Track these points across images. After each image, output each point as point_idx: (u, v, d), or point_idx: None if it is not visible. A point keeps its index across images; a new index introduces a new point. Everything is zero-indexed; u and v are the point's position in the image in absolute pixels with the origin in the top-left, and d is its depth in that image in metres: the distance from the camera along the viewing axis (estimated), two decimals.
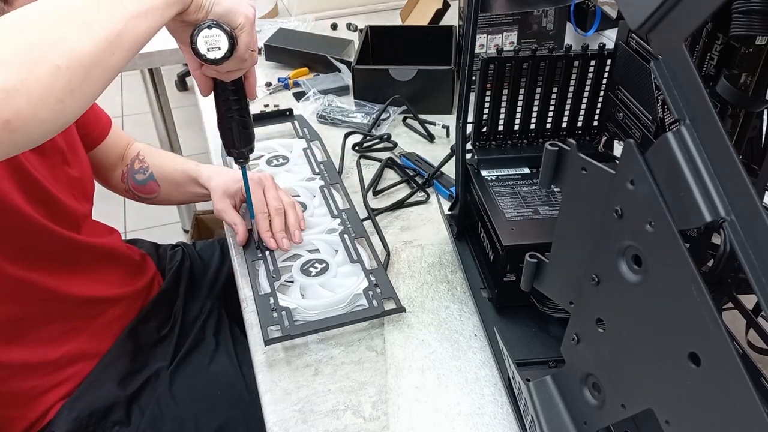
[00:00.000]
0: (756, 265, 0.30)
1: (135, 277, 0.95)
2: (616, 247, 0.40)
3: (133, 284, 0.93)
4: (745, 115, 0.52)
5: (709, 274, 0.54)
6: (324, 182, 0.95)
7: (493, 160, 0.75)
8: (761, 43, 0.48)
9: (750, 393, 0.31)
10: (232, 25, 0.61)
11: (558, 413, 0.52)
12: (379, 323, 0.73)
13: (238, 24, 0.61)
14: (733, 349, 0.31)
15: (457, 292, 0.77)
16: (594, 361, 0.46)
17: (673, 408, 0.37)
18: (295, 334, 0.70)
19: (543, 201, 0.70)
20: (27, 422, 0.79)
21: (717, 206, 0.31)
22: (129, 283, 0.93)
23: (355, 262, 0.80)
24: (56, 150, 0.81)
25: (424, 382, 0.66)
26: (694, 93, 0.33)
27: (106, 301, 0.87)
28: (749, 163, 0.55)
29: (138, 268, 0.97)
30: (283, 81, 1.28)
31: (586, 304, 0.45)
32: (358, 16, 1.60)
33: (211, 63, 0.62)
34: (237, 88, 0.70)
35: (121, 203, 2.25)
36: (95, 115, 0.95)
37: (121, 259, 0.92)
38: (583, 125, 0.76)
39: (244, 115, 0.72)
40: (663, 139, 0.34)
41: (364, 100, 1.18)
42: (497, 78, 0.71)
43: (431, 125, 1.10)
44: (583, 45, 0.71)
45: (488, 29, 1.18)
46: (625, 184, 0.38)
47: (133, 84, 2.86)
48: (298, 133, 1.10)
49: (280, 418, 0.63)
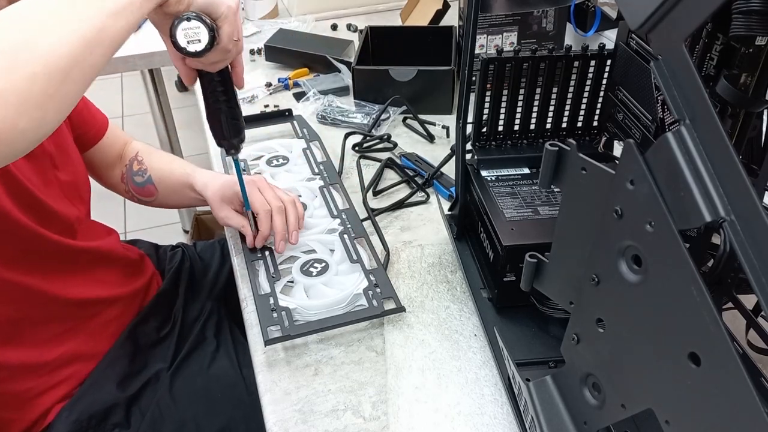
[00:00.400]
0: (756, 265, 0.30)
1: (132, 277, 0.94)
2: (616, 247, 0.40)
3: (130, 285, 0.93)
4: (745, 115, 0.52)
5: (709, 274, 0.54)
6: (324, 182, 0.95)
7: (493, 160, 0.75)
8: (761, 43, 0.48)
9: (750, 393, 0.31)
10: (214, 15, 0.60)
11: (558, 413, 0.52)
12: (379, 323, 0.73)
13: (221, 14, 0.61)
14: (733, 349, 0.31)
15: (457, 292, 0.77)
16: (594, 361, 0.46)
17: (673, 408, 0.37)
18: (295, 334, 0.70)
19: (543, 201, 0.70)
20: (25, 424, 0.79)
21: (717, 206, 0.32)
22: (126, 283, 0.92)
23: (355, 262, 0.80)
24: (45, 154, 0.79)
25: (424, 382, 0.66)
26: (694, 93, 0.33)
27: (103, 302, 0.87)
28: (749, 163, 0.55)
29: (136, 269, 0.96)
30: (283, 81, 1.28)
31: (586, 304, 0.45)
32: (358, 17, 1.60)
33: (191, 56, 0.61)
34: (223, 78, 0.69)
35: (121, 203, 2.25)
36: (90, 114, 0.93)
37: (118, 260, 0.92)
38: (583, 125, 0.76)
39: (232, 105, 0.71)
40: (663, 139, 0.34)
41: (364, 101, 1.18)
42: (497, 78, 0.71)
43: (431, 125, 1.10)
44: (583, 45, 0.71)
45: (488, 30, 1.18)
46: (625, 184, 0.38)
47: (133, 84, 2.86)
48: (297, 134, 1.10)
49: (280, 418, 0.63)
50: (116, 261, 0.92)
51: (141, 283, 0.95)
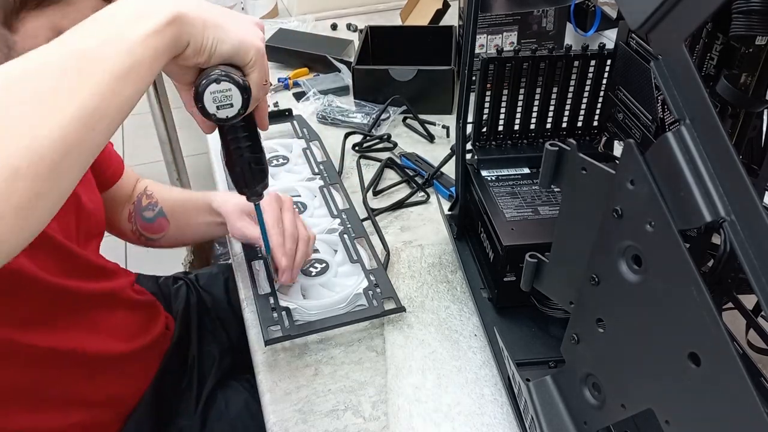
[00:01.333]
0: (756, 265, 0.30)
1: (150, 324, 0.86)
2: (616, 247, 0.40)
3: (149, 334, 0.85)
4: (745, 115, 0.52)
5: (709, 274, 0.54)
6: (324, 182, 0.95)
7: (493, 160, 0.75)
8: (761, 43, 0.48)
9: (750, 393, 0.31)
10: (242, 62, 0.50)
11: (558, 413, 0.52)
12: (379, 323, 0.73)
13: (249, 60, 0.50)
14: (733, 349, 0.31)
15: (457, 292, 0.77)
16: (594, 361, 0.46)
17: (673, 408, 0.37)
18: (295, 334, 0.70)
19: (543, 201, 0.70)
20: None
21: (717, 206, 0.32)
22: (143, 332, 0.84)
23: (355, 262, 0.80)
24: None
25: (424, 382, 0.66)
26: (694, 93, 0.33)
27: (123, 357, 0.79)
28: (749, 163, 0.55)
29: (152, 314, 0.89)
30: (283, 81, 1.28)
31: (586, 304, 0.45)
32: (358, 17, 1.60)
33: (221, 122, 0.52)
34: (247, 123, 0.58)
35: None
36: (107, 155, 0.85)
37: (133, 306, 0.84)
38: (583, 125, 0.76)
39: (256, 150, 0.61)
40: (663, 139, 0.34)
41: (364, 100, 1.18)
42: (497, 78, 0.71)
43: (431, 125, 1.10)
44: (583, 45, 0.71)
45: (488, 29, 1.18)
46: (625, 184, 0.38)
47: None
48: (297, 134, 1.10)
49: (280, 418, 0.63)
50: (131, 307, 0.84)
51: (158, 331, 0.88)
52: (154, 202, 0.90)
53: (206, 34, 0.46)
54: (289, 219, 0.75)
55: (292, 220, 0.76)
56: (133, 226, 0.91)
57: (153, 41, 0.42)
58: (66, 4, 0.54)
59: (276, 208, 0.75)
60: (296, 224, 0.76)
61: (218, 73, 0.48)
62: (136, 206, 0.91)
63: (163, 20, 0.43)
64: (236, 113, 0.51)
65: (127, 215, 0.91)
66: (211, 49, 0.47)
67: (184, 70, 0.50)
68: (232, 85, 0.49)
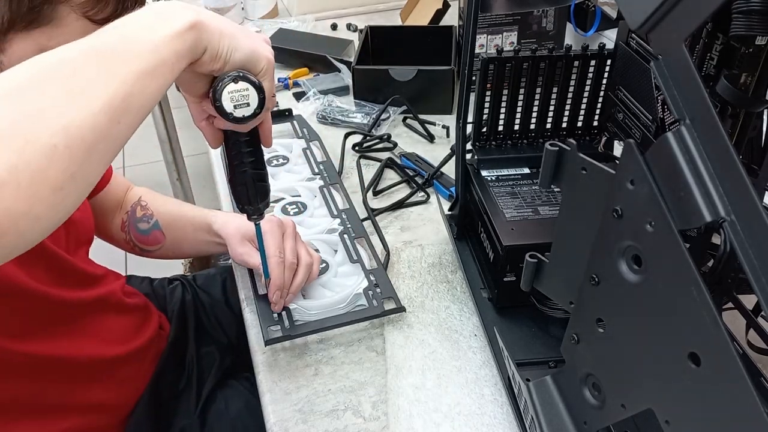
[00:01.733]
0: (756, 265, 0.30)
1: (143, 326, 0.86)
2: (616, 247, 0.40)
3: (141, 336, 0.84)
4: (745, 115, 0.52)
5: (709, 274, 0.54)
6: (324, 182, 0.95)
7: (493, 160, 0.75)
8: (761, 43, 0.48)
9: (750, 393, 0.31)
10: (254, 71, 0.52)
11: (558, 413, 0.52)
12: (379, 323, 0.73)
13: (261, 69, 0.52)
14: (733, 349, 0.31)
15: (457, 292, 0.77)
16: (594, 361, 0.46)
17: (673, 408, 0.37)
18: (295, 334, 0.70)
19: (543, 201, 0.70)
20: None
21: (717, 206, 0.32)
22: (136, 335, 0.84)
23: (355, 262, 0.80)
24: None
25: (424, 382, 0.66)
26: (694, 93, 0.33)
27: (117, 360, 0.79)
28: (749, 163, 0.55)
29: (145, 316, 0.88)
30: (283, 81, 1.28)
31: (586, 304, 0.45)
32: (358, 17, 1.60)
33: (237, 122, 0.53)
34: (251, 137, 0.59)
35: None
36: None
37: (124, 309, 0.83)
38: (583, 125, 0.76)
39: (259, 166, 0.61)
40: (663, 139, 0.34)
41: (364, 100, 1.18)
42: (497, 78, 0.71)
43: (431, 125, 1.10)
44: (583, 45, 0.71)
45: (488, 29, 1.18)
46: (625, 184, 0.38)
47: None
48: (297, 133, 1.10)
49: (280, 418, 0.63)
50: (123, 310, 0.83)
51: (151, 332, 0.87)
52: (149, 214, 0.90)
53: (222, 42, 0.48)
54: (290, 247, 0.74)
55: (293, 248, 0.75)
56: (127, 236, 0.90)
57: (174, 44, 0.45)
58: (53, 27, 0.54)
59: (278, 235, 0.74)
60: (297, 252, 0.75)
61: (236, 74, 0.50)
62: (130, 216, 0.90)
63: (186, 24, 0.45)
64: (252, 113, 0.53)
65: (120, 224, 0.90)
66: (226, 56, 0.49)
67: (197, 78, 0.52)
68: (249, 85, 0.51)
